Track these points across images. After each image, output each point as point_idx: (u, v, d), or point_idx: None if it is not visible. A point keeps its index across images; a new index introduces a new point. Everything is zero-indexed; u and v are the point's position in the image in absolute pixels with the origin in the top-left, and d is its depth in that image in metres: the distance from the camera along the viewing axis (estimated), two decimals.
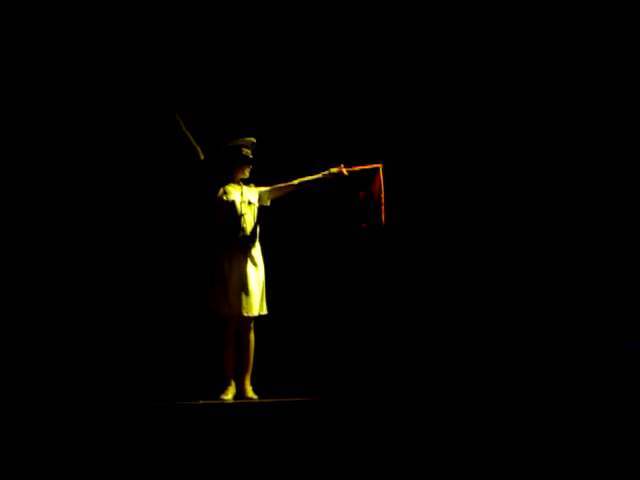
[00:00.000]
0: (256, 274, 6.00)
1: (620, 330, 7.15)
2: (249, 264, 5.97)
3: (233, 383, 6.01)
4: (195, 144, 6.07)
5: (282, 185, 6.15)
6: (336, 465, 5.20)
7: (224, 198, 6.05)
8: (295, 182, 6.14)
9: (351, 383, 6.97)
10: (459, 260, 7.47)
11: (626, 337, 7.07)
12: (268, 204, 6.18)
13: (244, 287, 5.92)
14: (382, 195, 6.12)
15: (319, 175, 6.15)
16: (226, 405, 5.72)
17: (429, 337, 7.33)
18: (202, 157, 6.08)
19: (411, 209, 7.37)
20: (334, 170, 6.15)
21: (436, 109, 7.52)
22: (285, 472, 5.15)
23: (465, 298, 7.40)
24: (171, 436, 5.17)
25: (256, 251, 6.04)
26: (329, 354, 7.33)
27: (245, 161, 6.09)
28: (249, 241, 6.00)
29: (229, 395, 5.95)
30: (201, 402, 5.69)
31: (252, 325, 6.04)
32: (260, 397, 5.99)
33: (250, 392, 6.00)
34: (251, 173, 6.18)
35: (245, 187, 6.15)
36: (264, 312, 6.06)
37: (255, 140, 6.16)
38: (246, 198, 6.08)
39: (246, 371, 6.03)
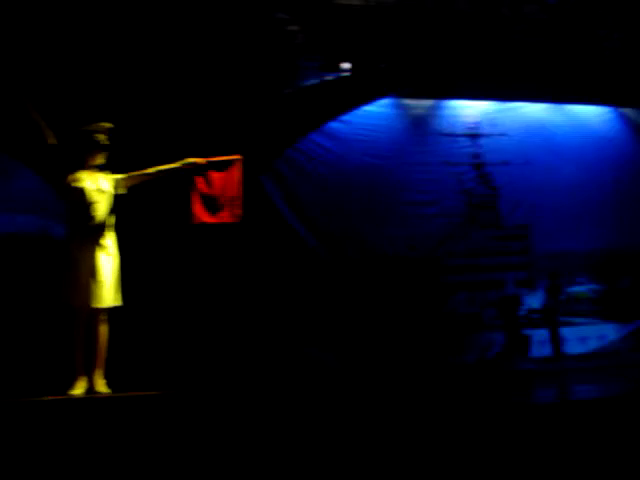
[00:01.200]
0: (109, 264, 5.79)
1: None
2: (101, 253, 5.77)
3: (83, 378, 5.79)
4: (45, 128, 5.80)
5: (138, 173, 5.97)
6: (190, 458, 5.11)
7: (72, 185, 5.81)
8: (151, 170, 5.97)
9: (207, 376, 6.88)
10: None
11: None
12: (125, 192, 5.97)
13: (94, 277, 5.71)
14: (239, 188, 6.04)
15: (176, 164, 6.02)
16: (72, 400, 5.52)
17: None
18: (53, 141, 5.82)
19: None
20: (191, 160, 6.03)
21: None
22: (136, 467, 5.02)
23: None
24: (16, 434, 4.96)
25: (109, 240, 5.84)
26: (188, 347, 7.22)
27: (96, 147, 5.86)
28: (100, 229, 5.78)
29: (78, 390, 5.73)
30: (48, 398, 5.47)
31: (104, 317, 5.83)
32: (115, 391, 5.79)
33: (101, 386, 5.80)
34: (109, 160, 5.96)
35: (99, 174, 5.91)
36: (118, 303, 5.86)
37: (111, 126, 5.94)
38: (98, 185, 5.86)
39: (98, 365, 5.81)
